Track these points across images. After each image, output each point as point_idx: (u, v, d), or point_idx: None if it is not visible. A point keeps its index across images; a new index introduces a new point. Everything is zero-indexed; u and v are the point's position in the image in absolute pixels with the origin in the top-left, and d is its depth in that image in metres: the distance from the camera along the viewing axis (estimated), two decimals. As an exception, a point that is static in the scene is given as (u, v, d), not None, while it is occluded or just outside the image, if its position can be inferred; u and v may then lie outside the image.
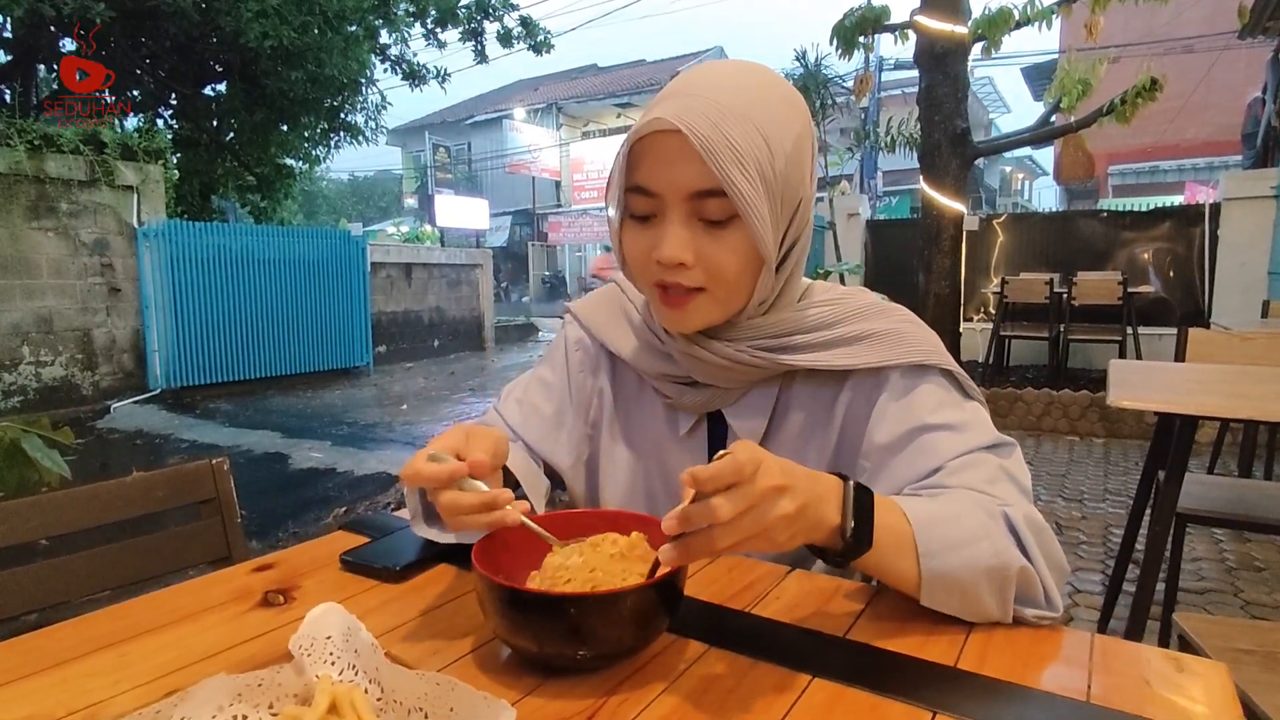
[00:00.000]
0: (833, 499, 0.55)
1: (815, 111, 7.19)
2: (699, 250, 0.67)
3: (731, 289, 0.69)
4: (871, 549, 0.55)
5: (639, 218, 0.69)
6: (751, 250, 0.67)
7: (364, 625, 0.49)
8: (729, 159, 0.63)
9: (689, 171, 0.64)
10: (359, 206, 31.92)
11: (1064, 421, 4.77)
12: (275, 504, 3.86)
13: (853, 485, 0.56)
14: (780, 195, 0.67)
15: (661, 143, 0.65)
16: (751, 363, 0.73)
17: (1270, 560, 2.67)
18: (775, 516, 0.49)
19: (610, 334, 0.85)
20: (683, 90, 0.66)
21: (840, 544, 0.55)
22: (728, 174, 0.63)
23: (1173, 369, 1.92)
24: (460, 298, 10.58)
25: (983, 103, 21.71)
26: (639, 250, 0.70)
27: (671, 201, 0.66)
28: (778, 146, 0.66)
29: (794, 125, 0.68)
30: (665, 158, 0.65)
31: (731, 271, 0.68)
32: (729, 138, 0.63)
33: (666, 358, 0.78)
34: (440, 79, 9.82)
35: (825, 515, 0.54)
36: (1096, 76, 5.29)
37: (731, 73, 0.68)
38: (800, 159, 0.69)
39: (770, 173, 0.65)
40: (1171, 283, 6.17)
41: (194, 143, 8.82)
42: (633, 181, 0.68)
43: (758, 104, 0.66)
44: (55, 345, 6.15)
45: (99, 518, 0.93)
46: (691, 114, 0.63)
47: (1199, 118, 14.30)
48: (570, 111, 23.66)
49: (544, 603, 0.51)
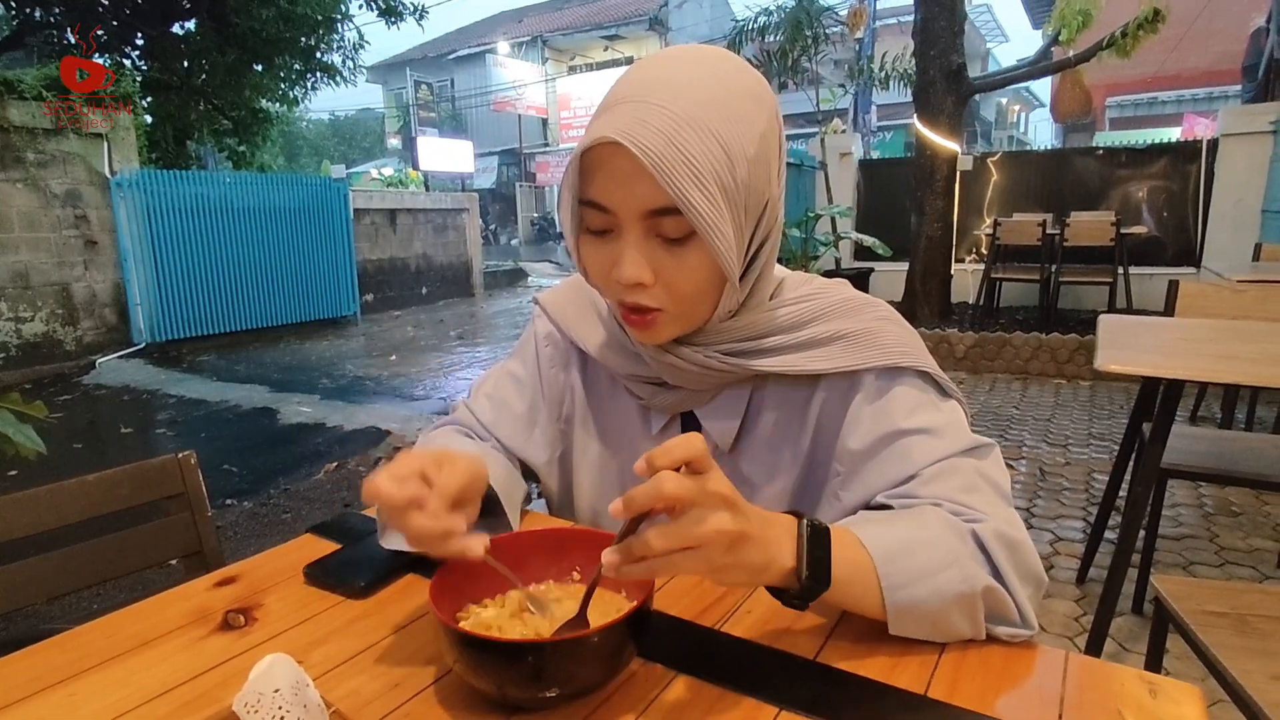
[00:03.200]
0: (786, 542, 0.53)
1: (808, 46, 6.96)
2: (658, 269, 0.63)
3: (694, 305, 0.66)
4: (831, 587, 0.54)
5: (595, 231, 0.65)
6: (713, 266, 0.63)
7: (311, 681, 0.47)
8: (684, 176, 0.57)
9: (643, 189, 0.59)
10: (341, 148, 31.14)
11: (1051, 365, 4.79)
12: (265, 461, 3.87)
13: (807, 525, 0.54)
14: (744, 204, 0.62)
15: (613, 156, 0.59)
16: (720, 369, 0.70)
17: (1247, 505, 2.72)
18: (714, 529, 0.48)
19: (580, 331, 0.82)
20: (633, 95, 0.60)
21: (796, 586, 0.54)
22: (684, 194, 0.57)
23: (1162, 325, 1.90)
24: (447, 243, 10.43)
25: (980, 32, 21.10)
26: (598, 265, 0.66)
27: (627, 220, 0.62)
28: (739, 153, 0.60)
29: (758, 124, 0.62)
30: (618, 174, 0.60)
31: (693, 289, 0.64)
32: (684, 152, 0.57)
33: (636, 358, 0.75)
34: (418, 15, 9.43)
35: (777, 559, 0.52)
36: (1097, 6, 5.11)
37: (689, 69, 0.62)
38: (765, 159, 0.63)
39: (731, 183, 0.60)
40: (1165, 222, 6.11)
41: (164, 86, 8.50)
42: (585, 196, 0.63)
43: (716, 106, 0.60)
44: (34, 301, 6.04)
45: (61, 519, 0.91)
46: (642, 129, 0.57)
47: (1201, 46, 13.94)
48: (556, 45, 22.88)
49: (502, 649, 0.50)
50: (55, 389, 5.67)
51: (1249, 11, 8.52)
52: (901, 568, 0.56)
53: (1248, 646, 1.11)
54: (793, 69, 7.11)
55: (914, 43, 5.45)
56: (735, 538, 0.49)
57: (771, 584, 0.55)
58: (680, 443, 0.47)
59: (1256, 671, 1.04)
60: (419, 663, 0.58)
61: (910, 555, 0.56)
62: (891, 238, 5.98)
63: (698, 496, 0.47)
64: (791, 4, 6.89)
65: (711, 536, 0.48)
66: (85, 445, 4.36)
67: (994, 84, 7.01)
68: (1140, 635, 1.92)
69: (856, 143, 7.54)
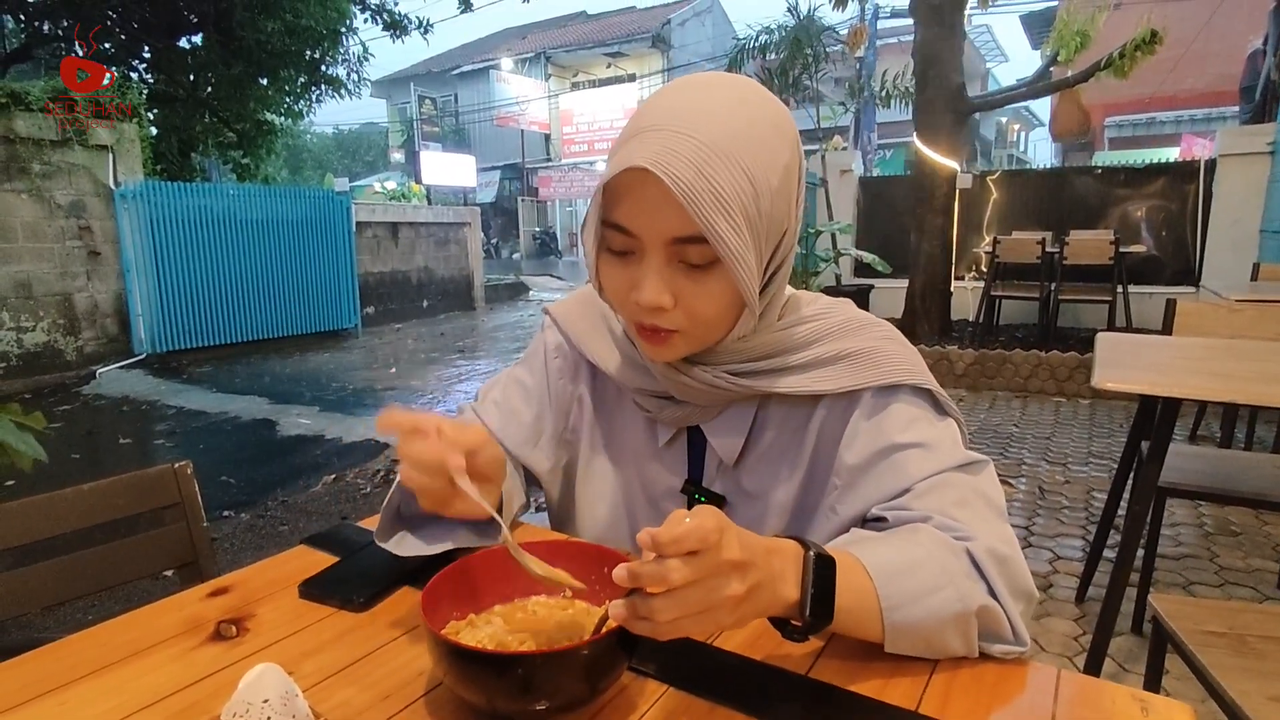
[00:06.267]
0: (791, 574, 0.53)
1: (808, 64, 7.02)
2: (678, 294, 0.64)
3: (710, 328, 0.67)
4: (834, 619, 0.54)
5: (616, 251, 0.66)
6: (733, 293, 0.64)
7: (300, 692, 0.47)
8: (713, 207, 0.58)
9: (670, 217, 0.60)
10: (345, 161, 31.32)
11: (1051, 383, 4.79)
12: (263, 472, 3.86)
13: (813, 557, 0.54)
14: (765, 233, 0.64)
15: (641, 182, 0.60)
16: (728, 389, 0.71)
17: (1247, 525, 2.71)
18: (724, 596, 0.47)
19: (589, 344, 0.83)
20: (662, 124, 0.61)
21: (799, 620, 0.53)
22: (713, 224, 0.58)
23: (1159, 344, 1.90)
24: (449, 257, 10.47)
25: (979, 52, 21.28)
26: (616, 285, 0.67)
27: (651, 245, 0.63)
28: (763, 185, 0.61)
29: (781, 155, 0.63)
30: (645, 201, 0.61)
31: (712, 315, 0.65)
32: (713, 183, 0.58)
33: (645, 372, 0.76)
34: (423, 29, 9.52)
35: (781, 593, 0.52)
36: (1095, 27, 5.16)
37: (716, 99, 0.62)
38: (787, 191, 0.65)
39: (755, 214, 0.61)
40: (1164, 241, 6.13)
41: (170, 98, 8.57)
42: (610, 218, 0.64)
43: (744, 138, 0.61)
44: (36, 311, 6.06)
45: (57, 528, 0.91)
46: (673, 158, 0.58)
47: (1198, 67, 14.04)
48: (559, 61, 23.07)
49: (493, 661, 0.50)
50: (55, 399, 5.67)
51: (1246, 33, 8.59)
52: (900, 588, 0.56)
53: (1246, 667, 1.10)
54: (793, 86, 7.17)
55: (913, 62, 5.50)
56: (744, 598, 0.48)
57: (775, 615, 0.54)
58: (691, 533, 0.45)
59: (1254, 692, 1.03)
60: (410, 675, 0.58)
61: (908, 575, 0.56)
62: (891, 255, 6.01)
63: (707, 574, 0.46)
64: (792, 22, 6.96)
65: (720, 603, 0.47)
66: (84, 456, 4.35)
67: (993, 103, 7.07)
68: (1139, 655, 1.90)
69: (857, 160, 7.58)
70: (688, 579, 0.45)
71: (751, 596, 0.49)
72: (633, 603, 0.47)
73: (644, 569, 0.45)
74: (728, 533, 0.47)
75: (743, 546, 0.48)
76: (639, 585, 0.46)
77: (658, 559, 0.45)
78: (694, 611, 0.47)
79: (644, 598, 0.47)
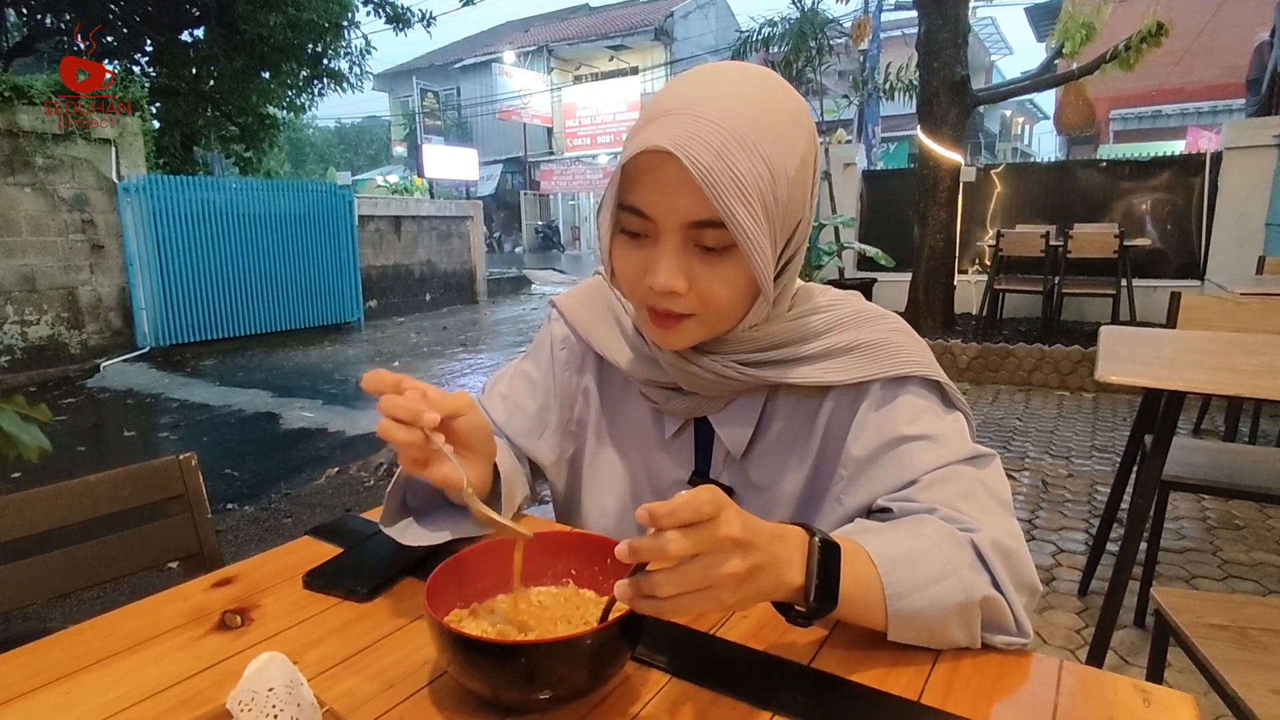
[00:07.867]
0: (796, 560, 0.53)
1: (812, 57, 6.99)
2: (693, 278, 0.64)
3: (723, 315, 0.67)
4: (838, 606, 0.54)
5: (630, 234, 0.66)
6: (747, 279, 0.64)
7: (305, 680, 0.48)
8: (732, 192, 0.58)
9: (688, 201, 0.60)
10: (347, 154, 31.29)
11: (1054, 376, 4.78)
12: (267, 465, 3.87)
13: (818, 543, 0.54)
14: (781, 221, 0.64)
15: (659, 165, 0.60)
16: (738, 379, 0.71)
17: (1250, 519, 2.71)
18: (724, 573, 0.47)
19: (596, 335, 0.82)
20: (683, 108, 0.61)
21: (803, 605, 0.53)
22: (730, 208, 0.58)
23: (1163, 337, 1.90)
24: (451, 250, 10.46)
25: (984, 44, 21.16)
26: (629, 269, 0.66)
27: (667, 228, 0.62)
28: (781, 173, 0.61)
29: (798, 146, 0.63)
30: (663, 183, 0.61)
31: (725, 301, 0.65)
32: (733, 169, 0.58)
33: (653, 363, 0.76)
34: (425, 22, 9.50)
35: (786, 578, 0.52)
36: (1101, 19, 5.12)
37: (736, 86, 0.62)
38: (803, 181, 0.65)
39: (772, 201, 0.61)
40: (1168, 234, 6.10)
41: (172, 92, 8.57)
42: (627, 201, 0.64)
43: (763, 126, 0.61)
44: (40, 304, 6.07)
45: (62, 519, 0.92)
46: (693, 141, 0.58)
47: (1205, 59, 13.96)
48: (561, 54, 23.00)
49: (496, 650, 0.50)
50: (59, 392, 5.69)
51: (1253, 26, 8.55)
52: (904, 577, 0.56)
53: (1249, 660, 1.10)
54: (797, 80, 7.14)
55: (917, 54, 5.47)
56: (745, 576, 0.49)
57: (780, 600, 0.54)
58: (686, 504, 0.45)
59: (1257, 685, 1.03)
60: (414, 664, 0.58)
61: (913, 565, 0.56)
62: (894, 248, 5.99)
63: (706, 547, 0.46)
64: (796, 15, 6.92)
65: (721, 579, 0.47)
66: (88, 448, 4.37)
67: (997, 96, 7.03)
68: (1142, 648, 1.91)
69: (860, 153, 7.55)
70: (686, 550, 0.45)
71: (754, 577, 0.49)
72: (636, 581, 0.47)
73: (643, 542, 0.46)
74: (727, 509, 0.47)
75: (744, 525, 0.48)
76: (639, 559, 0.46)
77: (656, 533, 0.45)
78: (695, 588, 0.47)
79: (646, 576, 0.47)
